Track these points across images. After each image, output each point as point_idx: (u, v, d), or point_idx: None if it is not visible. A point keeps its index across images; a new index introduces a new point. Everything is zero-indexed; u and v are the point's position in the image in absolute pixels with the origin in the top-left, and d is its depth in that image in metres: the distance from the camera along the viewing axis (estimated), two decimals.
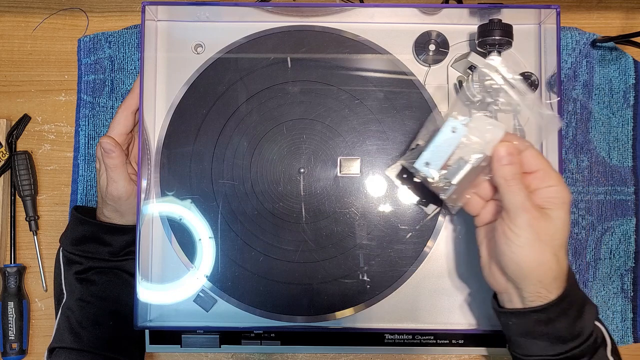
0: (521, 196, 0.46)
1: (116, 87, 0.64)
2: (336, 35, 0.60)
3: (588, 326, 0.48)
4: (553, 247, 0.46)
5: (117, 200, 0.57)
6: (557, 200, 0.47)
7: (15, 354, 0.62)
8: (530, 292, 0.47)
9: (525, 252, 0.46)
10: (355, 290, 0.57)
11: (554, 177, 0.48)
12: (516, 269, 0.47)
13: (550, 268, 0.46)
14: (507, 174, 0.47)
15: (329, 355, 0.63)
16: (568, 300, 0.47)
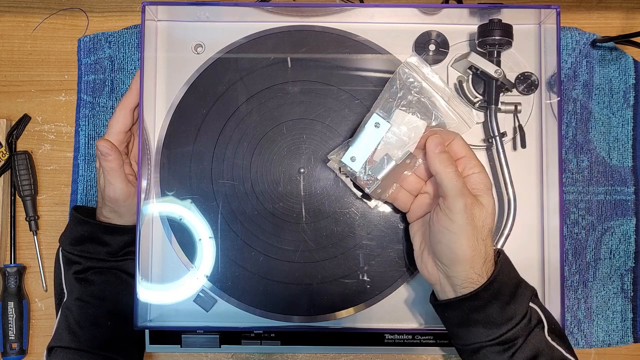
0: (459, 181, 0.48)
1: (116, 87, 0.64)
2: (336, 35, 0.60)
3: (521, 308, 0.48)
4: (482, 233, 0.48)
5: (115, 202, 0.57)
6: (483, 186, 0.50)
7: (15, 354, 0.62)
8: (462, 278, 0.48)
9: (458, 238, 0.48)
10: (355, 290, 0.57)
11: (478, 164, 0.51)
12: (451, 255, 0.48)
13: (480, 253, 0.48)
14: (444, 159, 0.49)
15: (329, 355, 0.63)
16: (498, 283, 0.48)
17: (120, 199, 0.57)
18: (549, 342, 0.48)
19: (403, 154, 0.51)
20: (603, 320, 0.63)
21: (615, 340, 0.63)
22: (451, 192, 0.48)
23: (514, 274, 0.51)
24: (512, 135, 0.60)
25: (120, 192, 0.57)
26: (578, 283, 0.63)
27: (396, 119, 0.51)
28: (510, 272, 0.51)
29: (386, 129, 0.51)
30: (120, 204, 0.58)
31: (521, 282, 0.51)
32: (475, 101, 0.59)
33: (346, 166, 0.53)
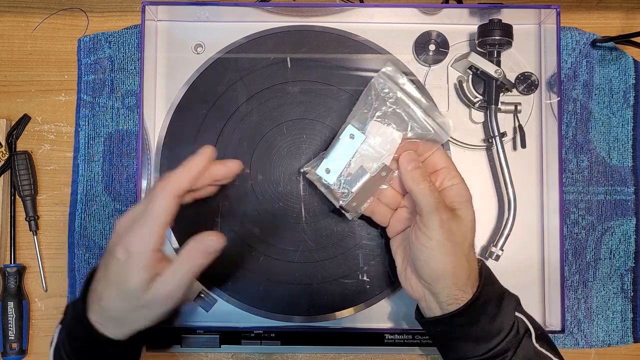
0: (434, 197, 0.47)
1: (116, 87, 0.64)
2: (336, 35, 0.60)
3: (508, 319, 0.48)
4: (463, 248, 0.47)
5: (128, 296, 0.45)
6: (462, 199, 0.49)
7: (15, 354, 0.62)
8: (447, 295, 0.47)
9: (438, 254, 0.46)
10: (355, 290, 0.57)
11: (457, 175, 0.50)
12: (431, 272, 0.47)
13: (462, 268, 0.47)
14: (417, 176, 0.48)
15: (329, 355, 0.63)
16: (484, 297, 0.47)
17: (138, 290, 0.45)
18: (538, 349, 0.48)
19: (378, 167, 0.50)
20: (603, 320, 0.63)
21: (615, 340, 0.63)
22: (426, 208, 0.47)
23: (497, 285, 0.50)
24: (512, 135, 0.60)
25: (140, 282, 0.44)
26: (578, 283, 0.63)
27: (371, 130, 0.50)
28: (494, 284, 0.50)
29: (361, 140, 0.50)
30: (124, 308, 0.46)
31: (505, 293, 0.50)
32: (475, 101, 0.59)
33: (321, 178, 0.52)
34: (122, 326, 0.46)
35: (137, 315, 0.46)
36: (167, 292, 0.45)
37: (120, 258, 0.44)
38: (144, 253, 0.44)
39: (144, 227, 0.44)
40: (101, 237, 0.63)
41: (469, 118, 0.61)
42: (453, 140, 0.60)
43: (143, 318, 0.46)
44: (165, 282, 0.45)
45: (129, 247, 0.44)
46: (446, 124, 0.53)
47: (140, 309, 0.45)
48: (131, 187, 0.63)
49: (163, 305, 0.45)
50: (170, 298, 0.45)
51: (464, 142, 0.60)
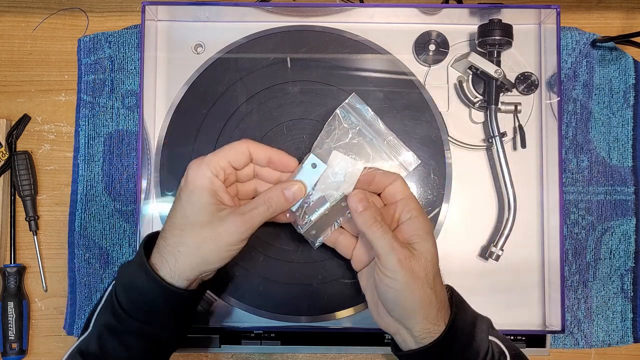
0: (387, 238, 0.46)
1: (116, 87, 0.64)
2: (336, 35, 0.60)
3: (483, 345, 0.47)
4: (428, 281, 0.46)
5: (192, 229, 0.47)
6: (420, 232, 0.47)
7: (15, 354, 0.62)
8: (419, 330, 0.47)
9: (404, 294, 0.45)
10: (355, 290, 0.57)
11: (414, 207, 0.48)
12: (400, 311, 0.47)
13: (431, 302, 0.46)
14: (367, 218, 0.47)
15: (329, 355, 0.63)
16: (456, 326, 0.47)
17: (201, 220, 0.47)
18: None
19: (338, 196, 0.50)
20: (603, 320, 0.63)
21: (615, 340, 0.63)
22: (381, 250, 0.46)
23: (469, 312, 0.49)
24: (512, 135, 0.60)
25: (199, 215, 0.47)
26: (578, 283, 0.63)
27: (333, 160, 0.50)
28: (465, 311, 0.49)
29: (322, 169, 0.50)
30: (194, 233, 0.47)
31: (477, 319, 0.49)
32: (475, 101, 0.59)
33: None
34: (191, 269, 0.47)
35: (207, 249, 0.47)
36: (239, 222, 0.46)
37: (182, 186, 0.48)
38: (203, 173, 0.47)
39: (208, 155, 0.49)
40: (101, 237, 0.63)
41: (469, 118, 0.61)
42: (453, 140, 0.60)
43: (211, 254, 0.47)
44: (240, 212, 0.47)
45: (189, 172, 0.48)
46: (408, 160, 0.53)
47: (211, 241, 0.46)
48: (131, 187, 0.63)
49: (231, 237, 0.46)
50: (239, 232, 0.46)
51: (464, 142, 0.60)
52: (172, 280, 0.47)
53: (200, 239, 0.46)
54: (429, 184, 0.58)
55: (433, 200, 0.58)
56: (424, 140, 0.59)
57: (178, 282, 0.47)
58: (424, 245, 0.47)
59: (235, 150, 0.49)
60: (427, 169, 0.58)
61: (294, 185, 0.49)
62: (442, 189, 0.58)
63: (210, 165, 0.48)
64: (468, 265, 0.59)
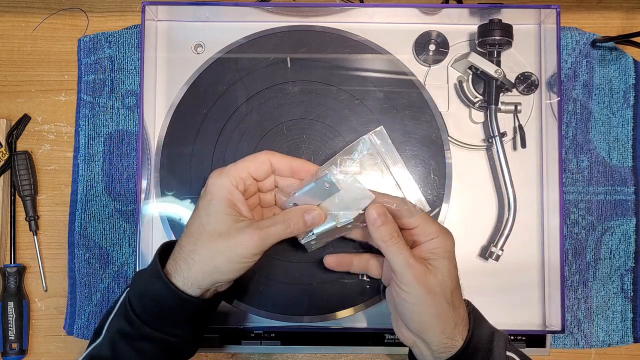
0: (403, 254, 0.46)
1: (116, 87, 0.64)
2: (336, 35, 0.60)
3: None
4: (445, 297, 0.46)
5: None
6: (439, 251, 0.47)
7: (15, 354, 0.62)
8: (436, 344, 0.47)
9: (419, 308, 0.46)
10: (355, 290, 0.57)
11: (434, 230, 0.48)
12: (416, 325, 0.47)
13: (448, 317, 0.46)
14: (384, 234, 0.47)
15: (329, 355, 0.63)
16: (474, 342, 0.47)
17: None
18: None
19: (343, 220, 0.50)
20: (603, 320, 0.63)
21: (615, 340, 0.63)
22: (397, 266, 0.46)
23: (486, 326, 0.49)
24: (512, 135, 0.60)
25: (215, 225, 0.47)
26: (578, 283, 0.63)
27: (346, 185, 0.49)
28: (482, 326, 0.49)
29: (334, 192, 0.49)
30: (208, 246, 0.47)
31: (494, 334, 0.49)
32: (475, 101, 0.59)
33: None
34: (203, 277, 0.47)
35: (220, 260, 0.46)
36: (255, 237, 0.46)
37: (201, 195, 0.49)
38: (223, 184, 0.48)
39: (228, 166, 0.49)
40: (101, 237, 0.63)
41: (469, 118, 0.61)
42: (453, 140, 0.60)
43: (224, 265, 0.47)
44: (258, 227, 0.47)
45: (209, 181, 0.49)
46: (421, 203, 0.53)
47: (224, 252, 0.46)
48: (131, 187, 0.63)
49: (245, 249, 0.46)
50: (253, 246, 0.46)
51: (464, 142, 0.60)
52: (185, 288, 0.47)
53: (214, 248, 0.46)
54: (429, 184, 0.58)
55: (433, 200, 0.58)
56: (424, 140, 0.59)
57: (191, 290, 0.47)
58: (441, 261, 0.47)
59: (256, 161, 0.50)
60: (427, 169, 0.58)
61: (315, 210, 0.49)
62: (442, 189, 0.58)
63: (229, 176, 0.48)
64: (468, 265, 0.59)
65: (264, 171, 0.50)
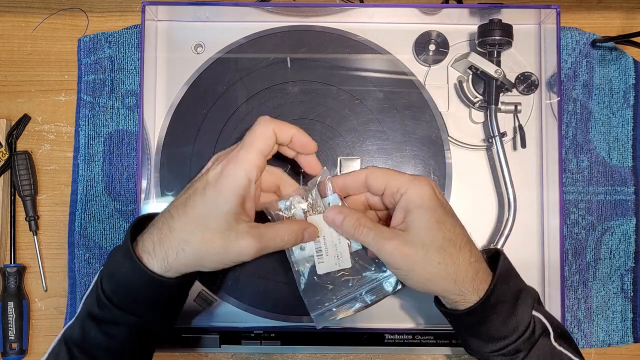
0: (371, 235, 0.46)
1: (116, 87, 0.64)
2: (336, 35, 0.60)
3: (524, 320, 0.46)
4: (432, 258, 0.45)
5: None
6: (411, 206, 0.46)
7: (15, 354, 0.62)
8: (448, 300, 0.47)
9: (411, 276, 0.46)
10: None
11: (399, 183, 0.46)
12: (419, 287, 0.47)
13: (444, 277, 0.45)
14: (349, 227, 0.47)
15: (329, 355, 0.63)
16: (494, 299, 0.46)
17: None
18: (556, 349, 0.47)
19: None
20: (603, 320, 0.63)
21: (615, 340, 0.63)
22: (374, 250, 0.46)
23: (514, 282, 0.48)
24: (512, 135, 0.60)
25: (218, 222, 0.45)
26: (578, 283, 0.63)
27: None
28: (509, 282, 0.48)
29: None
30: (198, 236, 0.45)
31: (522, 291, 0.48)
32: (475, 101, 0.59)
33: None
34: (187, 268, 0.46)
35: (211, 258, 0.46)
36: (255, 244, 0.45)
37: (210, 181, 0.45)
38: (238, 176, 0.45)
39: (240, 151, 0.46)
40: (101, 237, 0.63)
41: (469, 118, 0.61)
42: (453, 140, 0.60)
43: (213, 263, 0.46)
44: (259, 235, 0.46)
45: (223, 169, 0.45)
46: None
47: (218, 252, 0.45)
48: (131, 187, 0.63)
49: (240, 256, 0.46)
50: (250, 253, 0.46)
51: (464, 142, 0.60)
52: (163, 271, 0.46)
53: (209, 246, 0.45)
54: None
55: None
56: (424, 140, 0.59)
57: (168, 274, 0.46)
58: (416, 217, 0.45)
59: (264, 138, 0.47)
60: (427, 169, 0.58)
61: (312, 227, 0.49)
62: (442, 189, 0.58)
63: (246, 167, 0.45)
64: None
65: (272, 145, 0.48)
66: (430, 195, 0.46)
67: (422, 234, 0.45)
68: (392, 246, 0.45)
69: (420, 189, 0.46)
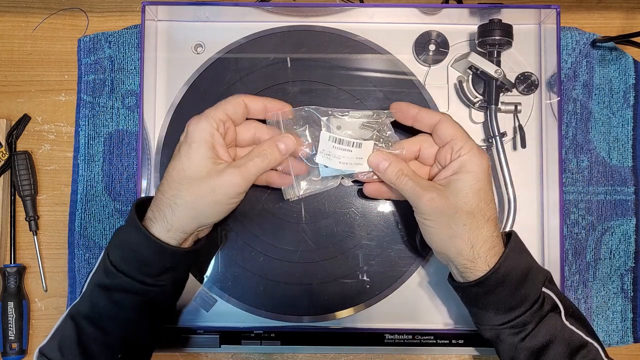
0: (410, 184, 0.49)
1: (116, 87, 0.64)
2: (336, 35, 0.60)
3: (532, 294, 0.48)
4: (460, 218, 0.48)
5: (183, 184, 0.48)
6: (465, 167, 0.49)
7: (15, 354, 0.62)
8: (459, 266, 0.49)
9: (434, 230, 0.49)
10: (355, 290, 0.57)
11: (466, 145, 0.50)
12: (435, 246, 0.50)
13: (462, 239, 0.48)
14: (391, 175, 0.50)
15: (329, 355, 0.63)
16: (504, 269, 0.48)
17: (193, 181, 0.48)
18: (567, 327, 0.48)
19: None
20: (603, 320, 0.63)
21: (615, 340, 0.63)
22: (409, 196, 0.50)
23: (525, 259, 0.50)
24: (512, 135, 0.60)
25: (196, 169, 0.48)
26: (578, 283, 0.63)
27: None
28: (520, 257, 0.50)
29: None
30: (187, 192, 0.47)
31: (532, 267, 0.50)
32: (475, 101, 0.59)
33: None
34: (188, 221, 0.48)
35: (204, 203, 0.48)
36: (236, 175, 0.48)
37: (181, 139, 0.50)
38: (202, 127, 0.49)
39: (205, 111, 0.50)
40: (101, 237, 0.63)
41: (469, 118, 0.61)
42: None
43: (208, 208, 0.48)
44: (237, 165, 0.48)
45: (189, 127, 0.50)
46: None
47: (207, 195, 0.47)
48: (131, 187, 0.63)
49: (228, 189, 0.48)
50: (236, 184, 0.48)
51: None
52: (169, 233, 0.48)
53: (197, 192, 0.47)
54: None
55: None
56: None
57: (175, 235, 0.48)
58: (463, 177, 0.49)
59: (232, 103, 0.51)
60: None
61: (288, 138, 0.51)
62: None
63: (209, 119, 0.49)
64: None
65: (240, 112, 0.51)
66: (485, 168, 0.49)
67: (461, 195, 0.48)
68: (428, 197, 0.48)
69: (480, 159, 0.49)
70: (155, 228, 0.48)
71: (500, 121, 0.58)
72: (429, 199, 0.48)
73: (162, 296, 0.50)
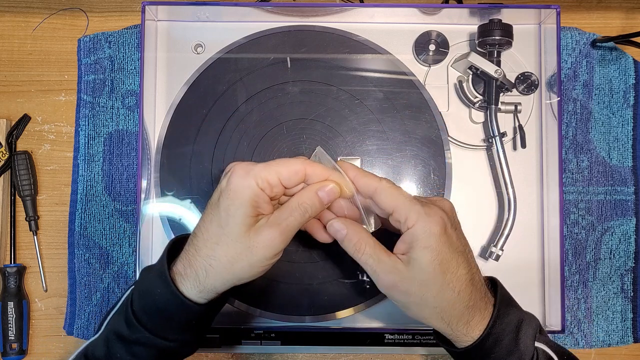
0: (371, 261, 0.44)
1: (116, 87, 0.64)
2: (336, 35, 0.60)
3: (526, 354, 0.44)
4: (429, 295, 0.43)
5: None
6: (416, 243, 0.43)
7: (15, 354, 0.62)
8: (449, 334, 0.46)
9: (407, 311, 0.45)
10: (355, 290, 0.57)
11: (410, 215, 0.43)
12: (417, 319, 0.46)
13: (440, 319, 0.44)
14: (348, 246, 0.45)
15: (329, 355, 0.63)
16: (495, 334, 0.44)
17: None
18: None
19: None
20: (603, 320, 0.63)
21: (615, 340, 0.63)
22: (372, 276, 0.45)
23: (514, 313, 0.46)
24: (512, 135, 0.60)
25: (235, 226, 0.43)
26: (578, 283, 0.63)
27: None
28: (508, 314, 0.45)
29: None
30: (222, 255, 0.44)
31: (523, 322, 0.46)
32: (475, 101, 0.59)
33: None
34: (222, 284, 0.45)
35: (239, 266, 0.44)
36: (276, 234, 0.43)
37: (223, 189, 0.44)
38: (249, 184, 0.43)
39: (258, 165, 0.44)
40: (101, 237, 0.63)
41: (469, 118, 0.61)
42: (453, 140, 0.60)
43: (244, 271, 0.44)
44: (275, 223, 0.44)
45: (234, 177, 0.44)
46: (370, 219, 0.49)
47: (244, 255, 0.43)
48: (131, 187, 0.63)
49: (266, 251, 0.43)
50: (275, 245, 0.43)
51: (464, 142, 0.60)
52: (201, 294, 0.45)
53: (233, 254, 0.43)
54: (429, 184, 0.58)
55: None
56: (424, 140, 0.59)
57: (207, 295, 0.45)
58: (417, 254, 0.43)
59: (289, 168, 0.44)
60: (427, 169, 0.58)
61: (328, 185, 0.45)
62: (442, 189, 0.58)
63: (257, 179, 0.43)
64: None
65: (295, 180, 0.45)
66: (438, 235, 0.43)
67: (422, 274, 0.43)
68: (389, 281, 0.44)
69: (429, 226, 0.43)
70: (185, 287, 0.44)
71: (500, 121, 0.58)
72: (390, 284, 0.44)
73: (183, 349, 0.48)
